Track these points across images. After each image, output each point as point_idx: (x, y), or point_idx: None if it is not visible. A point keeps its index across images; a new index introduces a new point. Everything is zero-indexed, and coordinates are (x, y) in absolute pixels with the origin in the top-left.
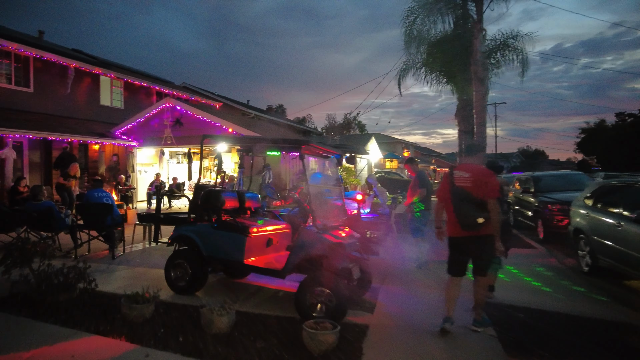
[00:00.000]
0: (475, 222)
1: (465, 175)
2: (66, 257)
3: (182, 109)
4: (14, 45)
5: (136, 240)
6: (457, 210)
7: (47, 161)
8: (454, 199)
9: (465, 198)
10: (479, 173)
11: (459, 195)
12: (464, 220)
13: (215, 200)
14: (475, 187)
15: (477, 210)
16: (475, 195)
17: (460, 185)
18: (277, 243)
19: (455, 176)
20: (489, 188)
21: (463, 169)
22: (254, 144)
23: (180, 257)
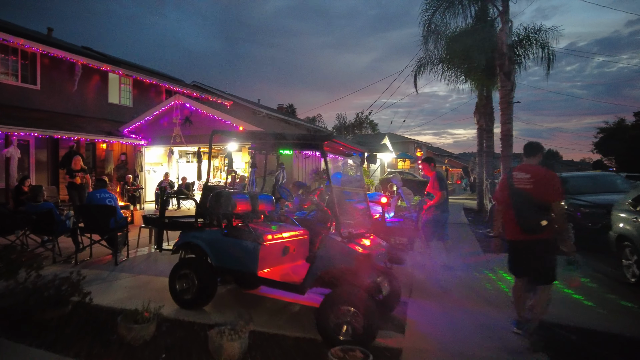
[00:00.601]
0: (538, 225)
1: (526, 176)
2: (66, 263)
3: (191, 107)
4: (20, 41)
5: (142, 244)
6: (518, 213)
7: (54, 160)
8: (514, 201)
9: (526, 200)
10: (540, 174)
11: (520, 197)
12: (526, 223)
13: (225, 203)
14: (536, 189)
15: (539, 213)
16: (536, 197)
17: (521, 187)
18: (294, 251)
19: (514, 178)
20: (552, 189)
21: (523, 170)
22: (269, 140)
23: (186, 266)
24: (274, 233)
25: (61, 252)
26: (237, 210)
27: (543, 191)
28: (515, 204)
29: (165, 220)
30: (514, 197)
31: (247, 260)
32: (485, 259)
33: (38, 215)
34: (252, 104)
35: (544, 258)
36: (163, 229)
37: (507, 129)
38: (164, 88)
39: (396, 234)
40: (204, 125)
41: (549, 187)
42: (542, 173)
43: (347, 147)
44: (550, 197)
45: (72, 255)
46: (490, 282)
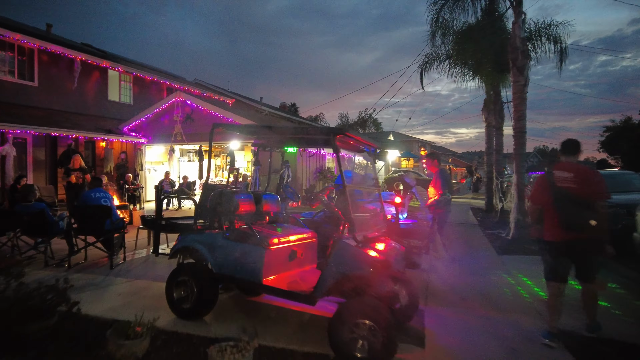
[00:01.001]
0: (586, 224)
1: (568, 175)
2: (59, 266)
3: (193, 104)
4: (16, 36)
5: (140, 246)
6: (562, 212)
7: (53, 159)
8: (556, 201)
9: (570, 199)
10: (583, 173)
11: (563, 196)
12: (571, 222)
13: (227, 203)
14: (581, 188)
15: (584, 212)
16: (581, 196)
17: (564, 185)
18: (302, 256)
19: (556, 176)
20: (597, 188)
21: (565, 169)
22: (275, 135)
23: (184, 273)
24: (280, 236)
25: (54, 254)
26: (240, 211)
27: (588, 190)
28: (558, 202)
29: (162, 222)
30: (557, 196)
31: (250, 266)
32: (501, 262)
33: (29, 216)
34: (255, 102)
35: (587, 256)
36: (160, 231)
37: (520, 126)
38: (165, 85)
39: (410, 236)
40: (206, 123)
41: (594, 186)
42: (586, 171)
43: (360, 142)
44: (595, 196)
45: (66, 258)
46: (508, 286)
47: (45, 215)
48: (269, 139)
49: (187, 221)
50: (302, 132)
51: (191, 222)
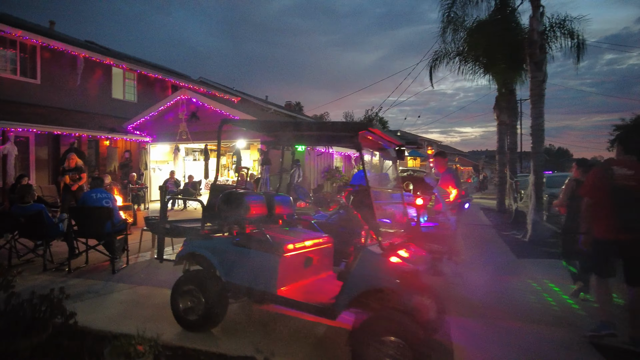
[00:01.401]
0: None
1: (629, 172)
2: (59, 271)
3: (198, 102)
4: (18, 32)
5: (144, 248)
6: (621, 211)
7: (55, 158)
8: (615, 198)
9: (631, 198)
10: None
11: (624, 194)
12: (631, 222)
13: (237, 205)
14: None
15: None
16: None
17: (624, 183)
18: (317, 263)
19: (615, 173)
20: None
21: (625, 166)
22: (289, 131)
23: (191, 281)
24: (295, 241)
25: (53, 258)
26: (251, 214)
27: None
28: (617, 200)
29: (166, 226)
30: (616, 193)
31: (263, 275)
32: (522, 266)
33: (26, 218)
34: (260, 101)
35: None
36: (164, 235)
37: (538, 123)
38: (169, 83)
39: (431, 240)
40: (212, 121)
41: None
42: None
43: (385, 139)
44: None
45: (65, 262)
46: (534, 293)
47: (43, 217)
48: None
49: (193, 224)
50: (320, 128)
51: (198, 226)
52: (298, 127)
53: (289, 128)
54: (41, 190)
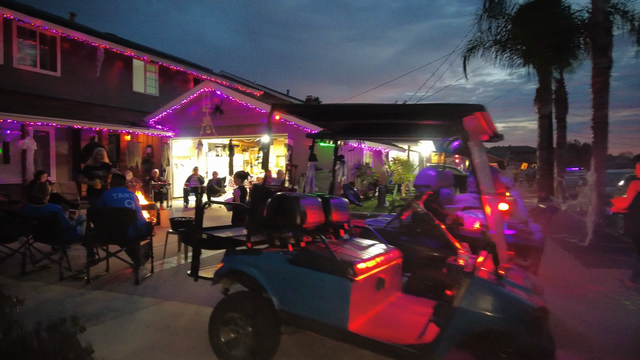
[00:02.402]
0: None
1: None
2: (76, 279)
3: (222, 94)
4: (38, 22)
5: (169, 252)
6: None
7: (76, 153)
8: None
9: None
10: None
11: None
12: None
13: (290, 212)
14: None
15: None
16: None
17: None
18: (388, 284)
19: None
20: None
21: None
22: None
23: (235, 307)
24: (366, 259)
25: (70, 264)
26: (309, 222)
27: None
28: None
29: (202, 235)
30: None
31: (329, 304)
32: (595, 277)
33: (40, 220)
34: (282, 95)
35: None
36: (200, 247)
37: (601, 115)
38: (191, 76)
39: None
40: (236, 115)
41: None
42: None
43: (492, 127)
44: None
45: (84, 270)
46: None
47: (59, 219)
48: (337, 126)
49: (230, 231)
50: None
51: (240, 236)
52: (376, 112)
53: (363, 113)
54: (60, 187)
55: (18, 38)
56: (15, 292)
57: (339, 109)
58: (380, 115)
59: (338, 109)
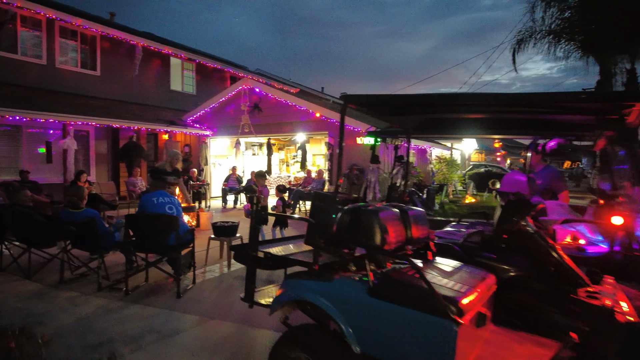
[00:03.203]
0: None
1: None
2: (114, 290)
3: (261, 92)
4: (78, 21)
5: (211, 260)
6: None
7: (114, 152)
8: None
9: None
10: None
11: None
12: None
13: (370, 229)
14: None
15: None
16: None
17: None
18: (489, 320)
19: None
20: None
21: None
22: (470, 106)
23: (301, 345)
24: (467, 291)
25: (108, 272)
26: (391, 241)
27: None
28: None
29: (256, 253)
30: None
31: (426, 353)
32: None
33: (76, 226)
34: (318, 92)
35: None
36: (256, 266)
37: None
38: (228, 74)
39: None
40: (275, 113)
41: None
42: None
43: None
44: None
45: (122, 280)
46: None
47: (96, 226)
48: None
49: (290, 243)
50: (544, 102)
51: (305, 259)
52: (492, 102)
53: (472, 105)
54: (100, 188)
55: (60, 38)
56: (52, 304)
57: (439, 100)
58: (496, 107)
59: (437, 100)
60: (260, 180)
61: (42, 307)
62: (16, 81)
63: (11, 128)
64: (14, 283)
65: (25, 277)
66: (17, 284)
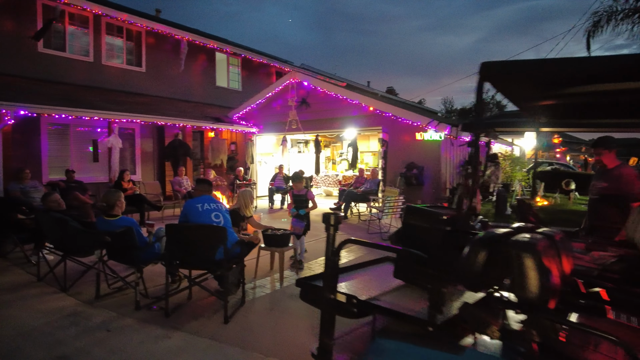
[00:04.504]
0: None
1: None
2: (150, 309)
3: (309, 85)
4: (124, 16)
5: (261, 272)
6: None
7: (160, 151)
8: None
9: None
10: None
11: None
12: None
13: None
14: None
15: None
16: None
17: None
18: None
19: None
20: None
21: None
22: None
23: None
24: None
25: (147, 288)
26: (555, 289)
27: None
28: None
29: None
30: None
31: None
32: None
33: (112, 236)
34: (364, 87)
35: None
36: (334, 314)
37: None
38: (273, 69)
39: None
40: (323, 108)
41: None
42: None
43: None
44: None
45: (162, 297)
46: None
47: (133, 237)
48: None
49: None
50: None
51: (398, 296)
52: None
53: None
54: (144, 187)
55: (106, 35)
56: (84, 329)
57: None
58: None
59: None
60: (298, 185)
61: (72, 332)
62: (64, 79)
63: (61, 127)
64: (49, 297)
65: (61, 289)
66: (52, 298)
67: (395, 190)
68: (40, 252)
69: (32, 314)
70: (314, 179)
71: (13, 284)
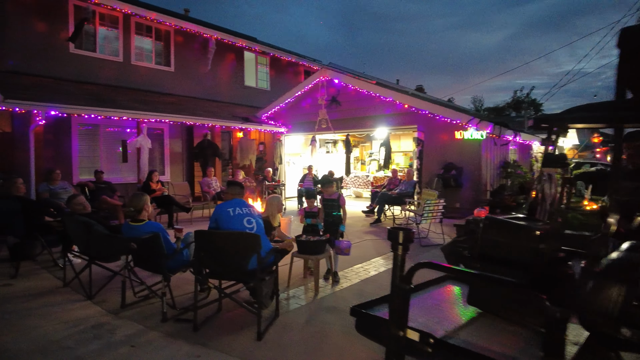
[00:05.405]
0: None
1: None
2: (181, 322)
3: (340, 82)
4: (152, 15)
5: (294, 280)
6: None
7: (189, 151)
8: None
9: None
10: None
11: None
12: None
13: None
14: None
15: None
16: None
17: None
18: None
19: None
20: None
21: None
22: None
23: None
24: None
25: (174, 298)
26: None
27: None
28: None
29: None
30: None
31: None
32: None
33: (137, 242)
34: (394, 84)
35: None
36: (404, 353)
37: None
38: (302, 68)
39: None
40: (354, 106)
41: None
42: None
43: None
44: None
45: (190, 308)
46: None
47: (160, 243)
48: None
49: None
50: None
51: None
52: None
53: None
54: (173, 189)
55: (136, 35)
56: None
57: None
58: None
59: None
60: (329, 189)
61: (94, 347)
62: (95, 80)
63: (91, 127)
64: (73, 305)
65: (86, 297)
66: (77, 305)
67: (434, 193)
68: (67, 256)
69: (54, 324)
70: (344, 180)
71: (39, 289)
